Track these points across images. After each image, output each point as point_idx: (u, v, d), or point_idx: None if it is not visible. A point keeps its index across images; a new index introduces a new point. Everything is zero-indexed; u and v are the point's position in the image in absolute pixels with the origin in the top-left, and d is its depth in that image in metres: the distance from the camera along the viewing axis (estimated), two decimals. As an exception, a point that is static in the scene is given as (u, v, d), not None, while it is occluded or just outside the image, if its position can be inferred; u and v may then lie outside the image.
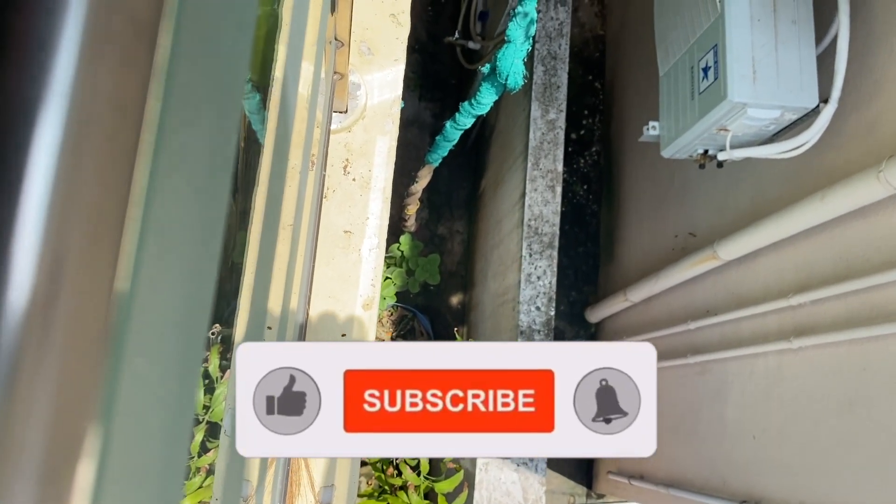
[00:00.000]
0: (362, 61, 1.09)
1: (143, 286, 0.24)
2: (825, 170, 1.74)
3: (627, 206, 3.09)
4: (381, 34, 1.10)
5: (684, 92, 1.87)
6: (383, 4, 1.12)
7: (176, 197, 0.27)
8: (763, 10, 1.67)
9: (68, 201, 0.15)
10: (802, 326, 1.82)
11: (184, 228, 0.27)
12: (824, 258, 1.76)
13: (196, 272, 0.29)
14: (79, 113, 0.15)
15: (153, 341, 0.26)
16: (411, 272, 2.81)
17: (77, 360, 0.16)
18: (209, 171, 0.29)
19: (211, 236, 0.29)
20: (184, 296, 0.29)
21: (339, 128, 1.05)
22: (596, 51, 3.56)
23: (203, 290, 0.29)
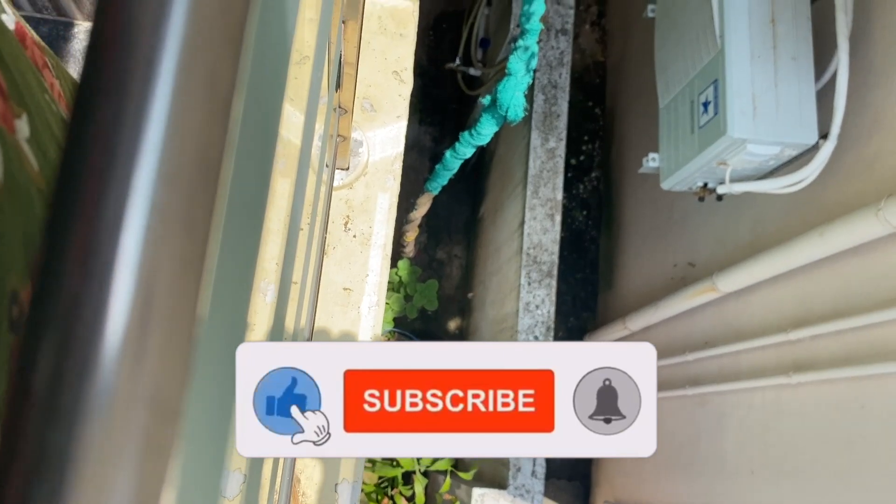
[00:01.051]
0: (365, 118, 1.09)
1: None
2: (825, 205, 1.74)
3: (627, 233, 3.08)
4: (384, 91, 1.10)
5: (684, 125, 1.87)
6: (387, 62, 1.12)
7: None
8: (763, 46, 1.67)
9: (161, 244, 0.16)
10: (801, 362, 1.81)
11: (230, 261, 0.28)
12: (823, 293, 1.75)
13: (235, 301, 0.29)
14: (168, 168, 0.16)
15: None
16: (409, 298, 2.80)
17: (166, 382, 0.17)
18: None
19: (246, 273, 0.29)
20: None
21: (341, 185, 1.05)
22: (596, 77, 3.57)
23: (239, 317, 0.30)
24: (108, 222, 0.15)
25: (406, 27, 1.14)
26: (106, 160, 0.15)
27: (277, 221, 0.62)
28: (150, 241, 0.16)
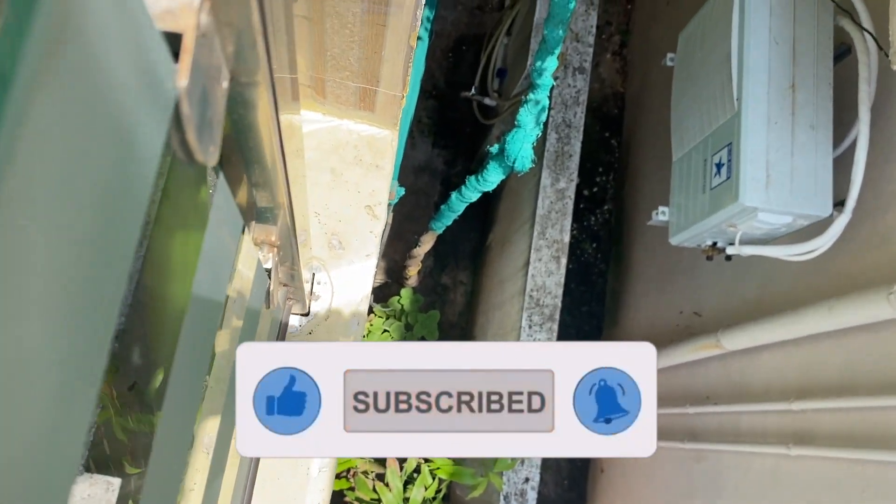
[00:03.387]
0: (332, 255, 1.05)
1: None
2: (836, 276, 1.70)
3: (635, 272, 3.04)
4: (354, 227, 1.06)
5: (696, 183, 1.83)
6: (360, 195, 1.08)
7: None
8: (781, 113, 1.63)
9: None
10: (802, 434, 1.76)
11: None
12: (829, 366, 1.71)
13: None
14: None
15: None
16: (410, 327, 2.77)
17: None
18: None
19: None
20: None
21: (297, 332, 1.01)
22: (615, 107, 3.53)
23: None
24: None
25: (384, 158, 1.10)
26: None
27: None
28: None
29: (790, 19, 1.67)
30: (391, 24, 0.85)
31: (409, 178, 3.30)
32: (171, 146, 0.34)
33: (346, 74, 0.96)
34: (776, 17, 1.66)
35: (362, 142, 1.11)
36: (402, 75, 0.93)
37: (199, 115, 0.34)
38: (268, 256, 0.66)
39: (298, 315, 1.02)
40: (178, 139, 0.34)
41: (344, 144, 1.11)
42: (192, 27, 0.30)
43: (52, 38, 0.20)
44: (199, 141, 0.35)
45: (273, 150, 0.47)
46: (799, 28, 1.67)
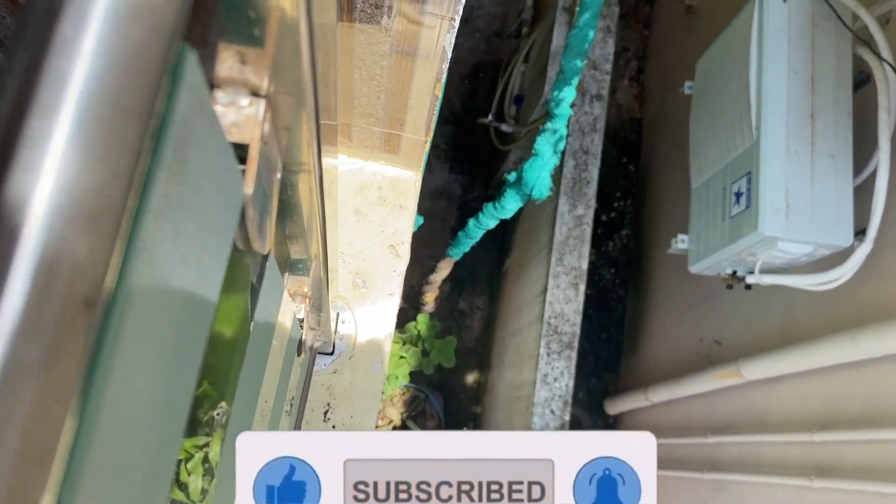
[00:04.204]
0: (356, 294, 1.06)
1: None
2: (858, 305, 1.68)
3: (654, 298, 3.02)
4: (377, 267, 1.07)
5: (715, 211, 1.83)
6: (384, 235, 1.09)
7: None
8: (800, 142, 1.62)
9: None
10: (825, 466, 1.73)
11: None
12: (851, 397, 1.68)
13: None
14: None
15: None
16: (427, 353, 2.77)
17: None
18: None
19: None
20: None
21: (322, 370, 1.02)
22: (632, 133, 3.53)
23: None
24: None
25: (407, 198, 1.11)
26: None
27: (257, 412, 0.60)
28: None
29: (808, 49, 1.67)
30: (417, 76, 0.86)
31: (425, 203, 3.31)
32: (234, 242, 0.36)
33: (372, 120, 0.97)
34: (794, 47, 1.66)
35: (386, 182, 1.12)
36: (427, 121, 0.95)
37: (259, 214, 0.36)
38: (300, 307, 0.67)
39: (324, 354, 1.03)
40: (241, 235, 0.36)
41: (368, 185, 1.12)
42: (256, 138, 0.31)
43: (173, 169, 0.23)
44: (259, 235, 0.37)
45: (313, 210, 0.48)
46: (817, 57, 1.67)
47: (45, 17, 0.16)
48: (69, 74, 0.15)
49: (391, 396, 2.81)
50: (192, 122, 0.25)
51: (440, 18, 0.75)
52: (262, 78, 0.32)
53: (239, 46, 0.30)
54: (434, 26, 0.75)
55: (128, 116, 0.17)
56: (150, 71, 0.17)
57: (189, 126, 0.24)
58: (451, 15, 0.74)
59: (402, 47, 0.80)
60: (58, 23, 0.16)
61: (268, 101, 0.33)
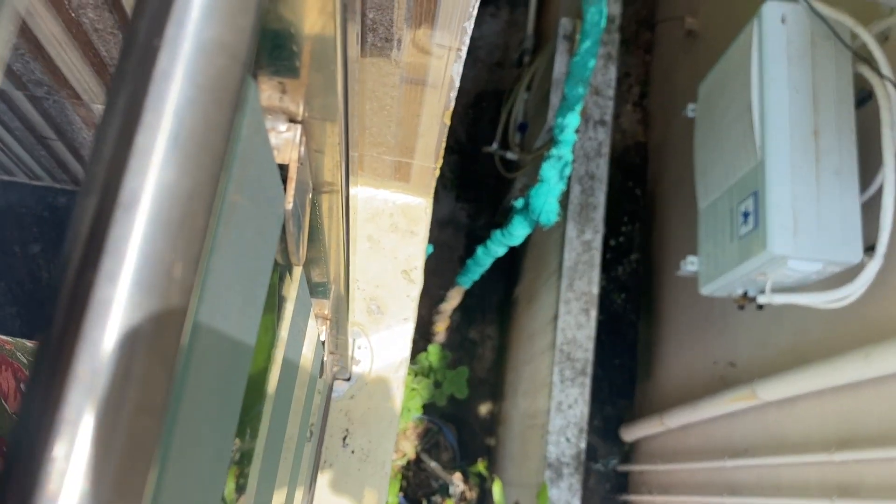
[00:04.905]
0: (371, 320, 1.07)
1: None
2: (870, 322, 1.67)
3: (666, 322, 3.01)
4: (392, 292, 1.09)
5: (723, 232, 1.83)
6: (396, 261, 1.11)
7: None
8: (805, 159, 1.63)
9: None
10: (846, 486, 1.71)
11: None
12: (869, 415, 1.66)
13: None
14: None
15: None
16: (439, 384, 2.76)
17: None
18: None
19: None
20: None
21: (340, 396, 1.03)
22: (637, 157, 3.54)
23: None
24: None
25: (418, 224, 1.13)
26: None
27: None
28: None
29: (809, 67, 1.68)
30: (426, 105, 0.88)
31: (433, 232, 3.32)
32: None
33: (383, 150, 0.99)
34: (794, 66, 1.68)
35: (397, 210, 1.14)
36: (436, 149, 0.96)
37: (297, 230, 0.38)
38: (321, 329, 0.68)
39: (341, 380, 1.04)
40: (282, 248, 0.39)
41: (380, 213, 1.13)
42: (294, 159, 0.34)
43: (238, 181, 0.26)
44: (296, 248, 0.39)
45: (339, 232, 0.49)
46: (818, 76, 1.68)
47: (144, 52, 0.20)
48: (167, 97, 0.19)
49: (404, 429, 2.79)
50: (252, 141, 0.28)
51: (447, 49, 0.76)
52: (298, 105, 0.34)
53: (279, 77, 0.33)
54: (442, 57, 0.76)
55: (214, 131, 0.20)
56: (230, 95, 0.21)
57: (250, 144, 0.28)
58: (458, 45, 0.75)
59: (412, 78, 0.82)
60: (156, 57, 0.20)
61: (303, 126, 0.35)
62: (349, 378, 1.03)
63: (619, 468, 3.13)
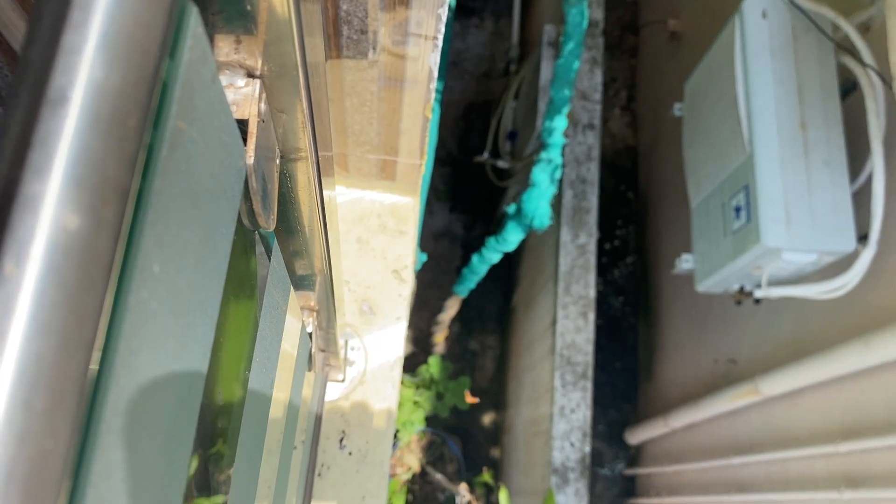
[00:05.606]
0: (363, 321, 1.07)
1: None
2: (868, 310, 1.67)
3: (665, 323, 3.00)
4: (383, 292, 1.09)
5: (716, 228, 1.83)
6: (386, 261, 1.11)
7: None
8: (793, 152, 1.63)
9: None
10: (853, 476, 1.70)
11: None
12: (873, 404, 1.66)
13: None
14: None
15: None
16: (441, 396, 2.74)
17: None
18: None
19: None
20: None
21: (336, 398, 1.03)
22: (628, 161, 3.56)
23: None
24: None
25: (407, 223, 1.13)
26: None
27: (271, 440, 0.59)
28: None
29: (792, 61, 1.69)
30: (407, 99, 0.88)
31: (428, 244, 3.33)
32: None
33: (366, 148, 0.99)
34: (778, 60, 1.69)
35: (385, 210, 1.14)
36: (420, 144, 0.96)
37: (262, 188, 0.38)
38: (308, 320, 0.68)
39: (335, 382, 1.03)
40: (247, 208, 0.38)
41: (368, 214, 1.13)
42: (254, 115, 0.34)
43: (176, 123, 0.26)
44: (263, 209, 0.39)
45: (313, 219, 0.49)
46: (802, 69, 1.69)
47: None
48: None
49: (408, 443, 2.78)
50: (197, 69, 0.27)
51: (423, 38, 0.77)
52: (255, 59, 0.34)
53: (233, 30, 0.33)
54: (418, 46, 0.77)
55: (144, 31, 0.20)
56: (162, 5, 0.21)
57: (194, 71, 0.27)
58: (433, 34, 0.75)
59: (390, 70, 0.82)
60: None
61: (262, 81, 0.35)
62: (343, 379, 1.03)
63: (626, 472, 3.11)
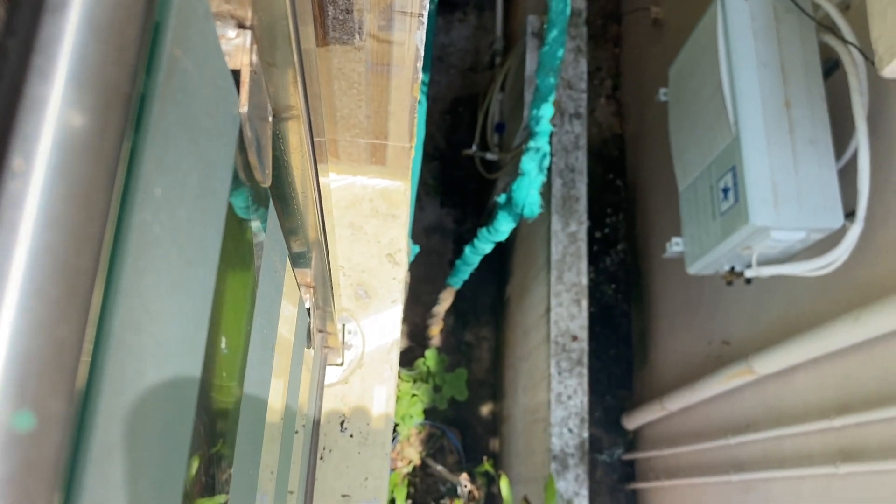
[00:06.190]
0: (359, 305, 1.08)
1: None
2: (858, 285, 1.69)
3: (658, 308, 3.02)
4: (377, 276, 1.10)
5: (705, 210, 1.85)
6: (380, 245, 1.12)
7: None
8: (779, 131, 1.65)
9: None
10: (848, 450, 1.72)
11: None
12: (865, 377, 1.68)
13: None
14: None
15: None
16: (438, 388, 2.76)
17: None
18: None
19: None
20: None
21: (335, 381, 1.04)
22: (615, 149, 3.57)
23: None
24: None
25: (399, 207, 1.14)
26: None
27: (271, 426, 0.60)
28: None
29: (774, 41, 1.71)
30: (394, 81, 0.89)
31: (420, 239, 3.34)
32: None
33: (356, 132, 1.00)
34: (760, 41, 1.70)
35: (377, 194, 1.14)
36: (409, 127, 0.97)
37: (256, 139, 0.38)
38: (306, 297, 0.69)
39: (334, 366, 1.04)
40: (242, 160, 0.39)
41: (360, 199, 1.14)
42: (246, 64, 0.35)
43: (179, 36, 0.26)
44: (259, 162, 0.39)
45: (307, 186, 0.49)
46: (784, 49, 1.71)
47: None
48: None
49: (408, 436, 2.79)
50: (191, 3, 0.28)
51: (409, 16, 0.77)
52: (245, 9, 0.35)
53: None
54: (405, 23, 0.78)
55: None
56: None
57: (188, 2, 0.27)
58: (419, 11, 0.76)
59: (377, 50, 0.83)
60: None
61: (253, 32, 0.36)
62: (342, 363, 1.04)
63: (625, 457, 3.13)
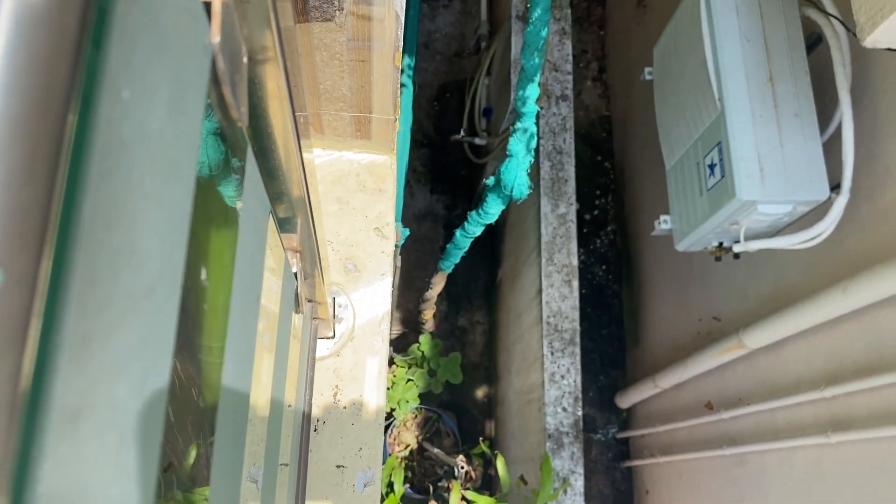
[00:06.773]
0: (349, 279, 1.08)
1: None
2: (845, 257, 1.71)
3: (649, 287, 3.04)
4: (366, 250, 1.10)
5: (692, 187, 1.86)
6: (367, 219, 1.12)
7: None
8: (764, 106, 1.66)
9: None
10: (839, 420, 1.75)
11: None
12: (855, 348, 1.70)
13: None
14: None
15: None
16: (433, 373, 2.77)
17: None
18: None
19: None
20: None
21: (327, 354, 1.04)
22: (603, 131, 3.58)
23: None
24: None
25: (385, 181, 1.14)
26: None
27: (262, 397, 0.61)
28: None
29: (757, 16, 1.72)
30: (375, 45, 0.89)
31: (411, 225, 3.34)
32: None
33: (340, 105, 1.00)
34: (743, 17, 1.71)
35: (363, 169, 1.15)
36: (392, 98, 0.97)
37: (231, 74, 0.38)
38: (292, 261, 0.69)
39: (325, 339, 1.05)
40: (216, 94, 0.38)
41: (346, 174, 1.14)
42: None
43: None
44: (234, 96, 0.39)
45: (288, 138, 0.49)
46: (767, 24, 1.72)
47: None
48: None
49: (404, 421, 2.81)
50: None
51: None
52: None
53: None
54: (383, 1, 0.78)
55: None
56: None
57: None
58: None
59: (358, 16, 0.83)
60: None
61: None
62: (333, 336, 1.05)
63: (619, 436, 3.16)
